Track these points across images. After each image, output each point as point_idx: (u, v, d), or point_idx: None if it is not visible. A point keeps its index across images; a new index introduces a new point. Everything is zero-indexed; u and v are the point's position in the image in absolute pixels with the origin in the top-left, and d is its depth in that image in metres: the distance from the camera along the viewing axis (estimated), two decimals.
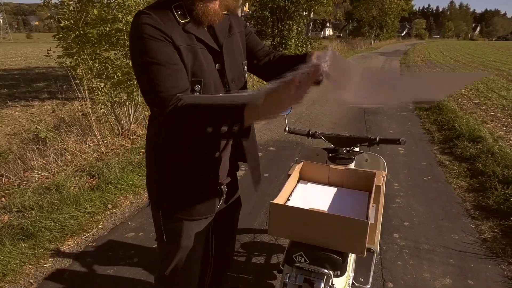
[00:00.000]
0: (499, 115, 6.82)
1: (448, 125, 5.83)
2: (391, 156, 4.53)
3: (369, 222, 1.18)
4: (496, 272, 2.40)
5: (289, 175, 1.54)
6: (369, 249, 1.95)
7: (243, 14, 15.40)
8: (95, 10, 4.33)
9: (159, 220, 1.32)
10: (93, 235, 2.76)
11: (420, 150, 4.85)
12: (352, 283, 1.85)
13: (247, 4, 14.41)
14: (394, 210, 3.21)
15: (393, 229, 2.90)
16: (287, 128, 1.94)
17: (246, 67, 1.34)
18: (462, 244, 2.72)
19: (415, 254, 2.59)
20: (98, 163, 3.90)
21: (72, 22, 4.37)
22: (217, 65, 1.20)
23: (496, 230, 2.89)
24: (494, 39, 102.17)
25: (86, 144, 4.42)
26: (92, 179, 3.59)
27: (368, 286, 1.88)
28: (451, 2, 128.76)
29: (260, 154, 4.48)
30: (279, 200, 1.34)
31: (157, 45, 1.06)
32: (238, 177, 1.54)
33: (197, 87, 1.14)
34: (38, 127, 4.60)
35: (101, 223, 2.91)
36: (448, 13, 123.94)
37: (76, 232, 2.75)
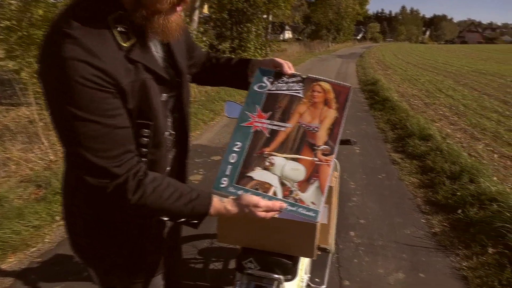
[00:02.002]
0: (447, 114, 7.21)
1: (400, 124, 6.07)
2: (348, 156, 4.64)
3: (319, 223, 1.17)
4: (445, 264, 2.51)
5: None
6: (324, 249, 1.96)
7: (201, 16, 15.27)
8: (39, 10, 4.10)
9: (113, 285, 1.11)
10: (39, 250, 2.58)
11: (375, 149, 5.01)
12: (308, 285, 1.85)
13: (206, 6, 14.30)
14: (350, 208, 3.28)
15: (349, 227, 2.95)
16: None
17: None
18: (414, 238, 2.82)
19: (370, 250, 2.65)
20: (45, 172, 3.67)
21: (15, 23, 4.11)
22: (163, 95, 0.94)
23: (445, 223, 3.03)
24: (442, 43, 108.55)
25: (32, 152, 4.16)
26: (38, 190, 3.37)
27: (324, 287, 1.88)
28: (403, 7, 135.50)
29: (219, 157, 4.42)
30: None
31: (96, 96, 0.77)
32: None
33: (145, 132, 0.91)
34: None
35: (48, 236, 2.73)
36: (400, 17, 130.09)
37: (19, 248, 2.56)
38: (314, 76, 1.10)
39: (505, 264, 2.37)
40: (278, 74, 1.12)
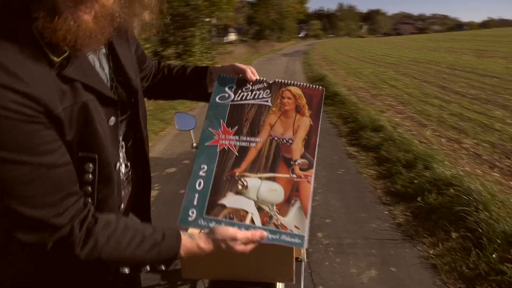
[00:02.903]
0: (393, 103, 7.48)
1: (351, 117, 6.19)
2: None
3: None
4: (413, 255, 2.52)
5: None
6: (296, 259, 1.88)
7: None
8: None
9: None
10: None
11: (330, 145, 5.05)
12: None
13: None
14: (314, 208, 3.22)
15: (316, 228, 2.89)
16: (194, 144, 1.75)
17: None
18: (380, 232, 2.82)
19: (340, 250, 2.60)
20: None
21: None
22: (111, 119, 0.78)
23: (407, 213, 3.07)
24: (380, 35, 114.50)
25: None
26: None
27: None
28: (340, 4, 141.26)
29: (174, 169, 4.21)
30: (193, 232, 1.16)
31: (22, 129, 0.59)
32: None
33: (90, 167, 0.73)
34: None
35: None
36: (339, 13, 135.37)
37: None
38: (282, 80, 0.98)
39: (469, 248, 2.42)
40: (240, 81, 0.98)
